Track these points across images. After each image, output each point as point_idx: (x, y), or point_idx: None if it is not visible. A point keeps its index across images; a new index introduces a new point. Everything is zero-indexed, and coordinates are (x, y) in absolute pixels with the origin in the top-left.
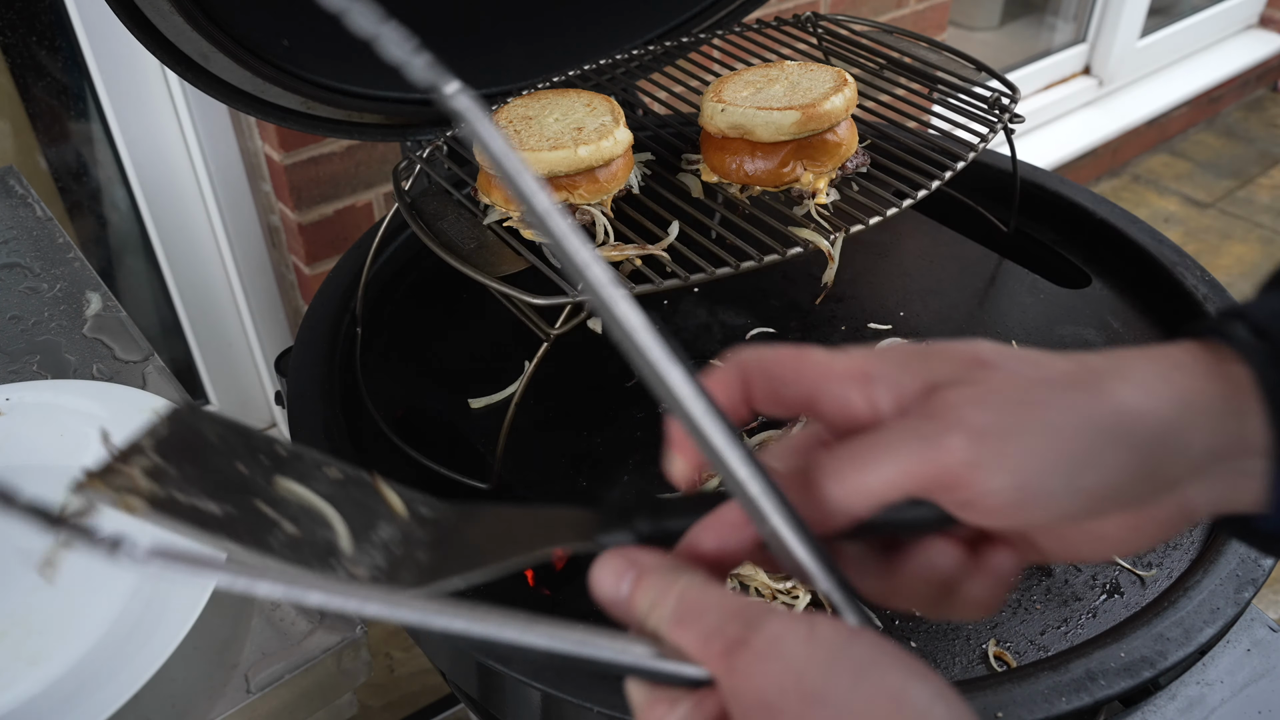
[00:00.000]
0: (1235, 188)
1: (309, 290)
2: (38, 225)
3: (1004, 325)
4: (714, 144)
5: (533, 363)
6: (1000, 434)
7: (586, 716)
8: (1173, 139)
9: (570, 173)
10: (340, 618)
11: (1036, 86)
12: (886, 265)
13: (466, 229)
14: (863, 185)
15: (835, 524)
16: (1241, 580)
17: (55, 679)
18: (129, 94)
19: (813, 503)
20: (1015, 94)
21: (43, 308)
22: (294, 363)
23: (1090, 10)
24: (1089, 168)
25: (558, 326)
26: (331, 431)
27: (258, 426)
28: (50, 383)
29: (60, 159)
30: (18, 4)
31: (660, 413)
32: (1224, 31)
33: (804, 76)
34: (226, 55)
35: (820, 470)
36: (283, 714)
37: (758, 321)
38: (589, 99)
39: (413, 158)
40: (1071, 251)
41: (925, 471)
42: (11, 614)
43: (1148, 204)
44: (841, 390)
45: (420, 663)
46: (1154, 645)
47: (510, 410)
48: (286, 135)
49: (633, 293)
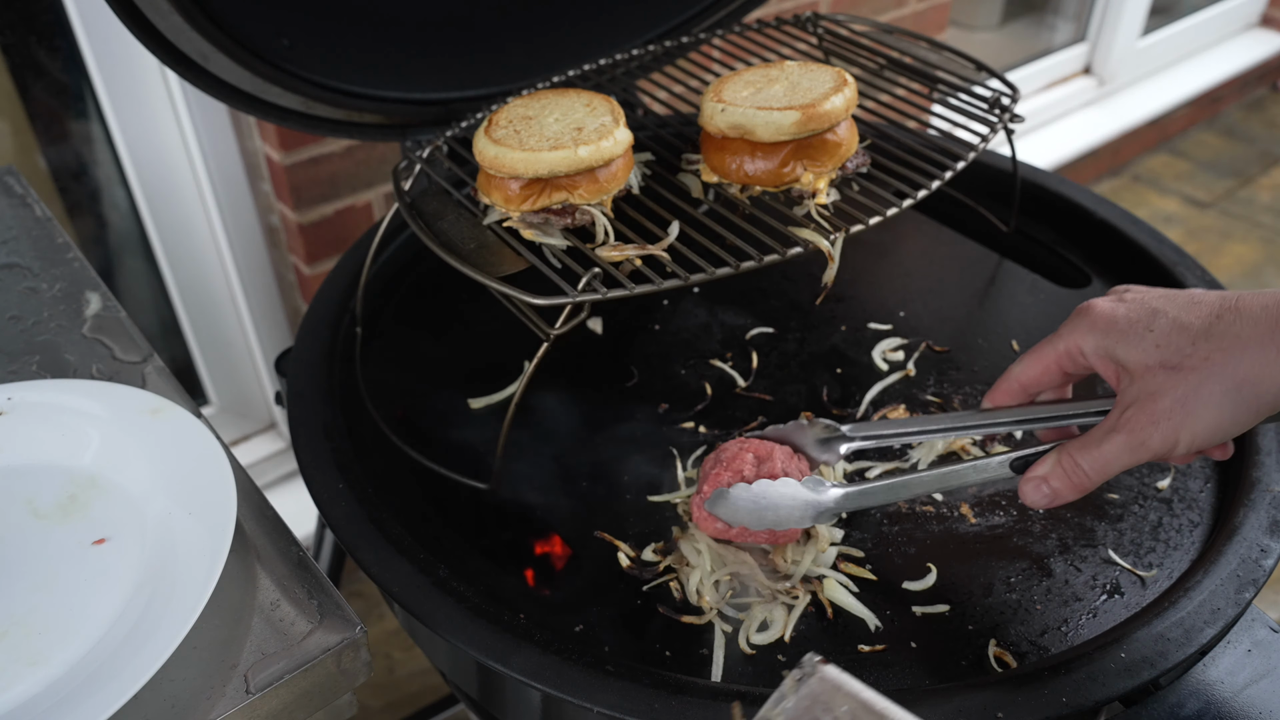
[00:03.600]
0: (1236, 188)
1: (309, 290)
2: (37, 225)
3: (1004, 325)
4: (714, 144)
5: (533, 363)
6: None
7: (586, 716)
8: (1173, 139)
9: (570, 173)
10: (340, 617)
11: (1037, 86)
12: (886, 265)
13: (466, 229)
14: (863, 185)
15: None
16: (1242, 580)
17: (55, 679)
18: (129, 94)
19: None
20: (1015, 94)
21: (42, 308)
22: (294, 363)
23: (1090, 10)
24: (1089, 168)
25: (558, 326)
26: (331, 431)
27: (257, 427)
28: (50, 382)
29: (60, 159)
30: (18, 4)
31: (659, 413)
32: (1224, 31)
33: (804, 76)
34: (226, 55)
35: (1074, 445)
36: (283, 714)
37: (758, 321)
38: (589, 99)
39: (413, 158)
40: (1071, 251)
41: (1140, 457)
42: (11, 614)
43: (1148, 204)
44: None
45: (420, 663)
46: (1154, 646)
47: (510, 410)
48: (286, 135)
49: (633, 293)
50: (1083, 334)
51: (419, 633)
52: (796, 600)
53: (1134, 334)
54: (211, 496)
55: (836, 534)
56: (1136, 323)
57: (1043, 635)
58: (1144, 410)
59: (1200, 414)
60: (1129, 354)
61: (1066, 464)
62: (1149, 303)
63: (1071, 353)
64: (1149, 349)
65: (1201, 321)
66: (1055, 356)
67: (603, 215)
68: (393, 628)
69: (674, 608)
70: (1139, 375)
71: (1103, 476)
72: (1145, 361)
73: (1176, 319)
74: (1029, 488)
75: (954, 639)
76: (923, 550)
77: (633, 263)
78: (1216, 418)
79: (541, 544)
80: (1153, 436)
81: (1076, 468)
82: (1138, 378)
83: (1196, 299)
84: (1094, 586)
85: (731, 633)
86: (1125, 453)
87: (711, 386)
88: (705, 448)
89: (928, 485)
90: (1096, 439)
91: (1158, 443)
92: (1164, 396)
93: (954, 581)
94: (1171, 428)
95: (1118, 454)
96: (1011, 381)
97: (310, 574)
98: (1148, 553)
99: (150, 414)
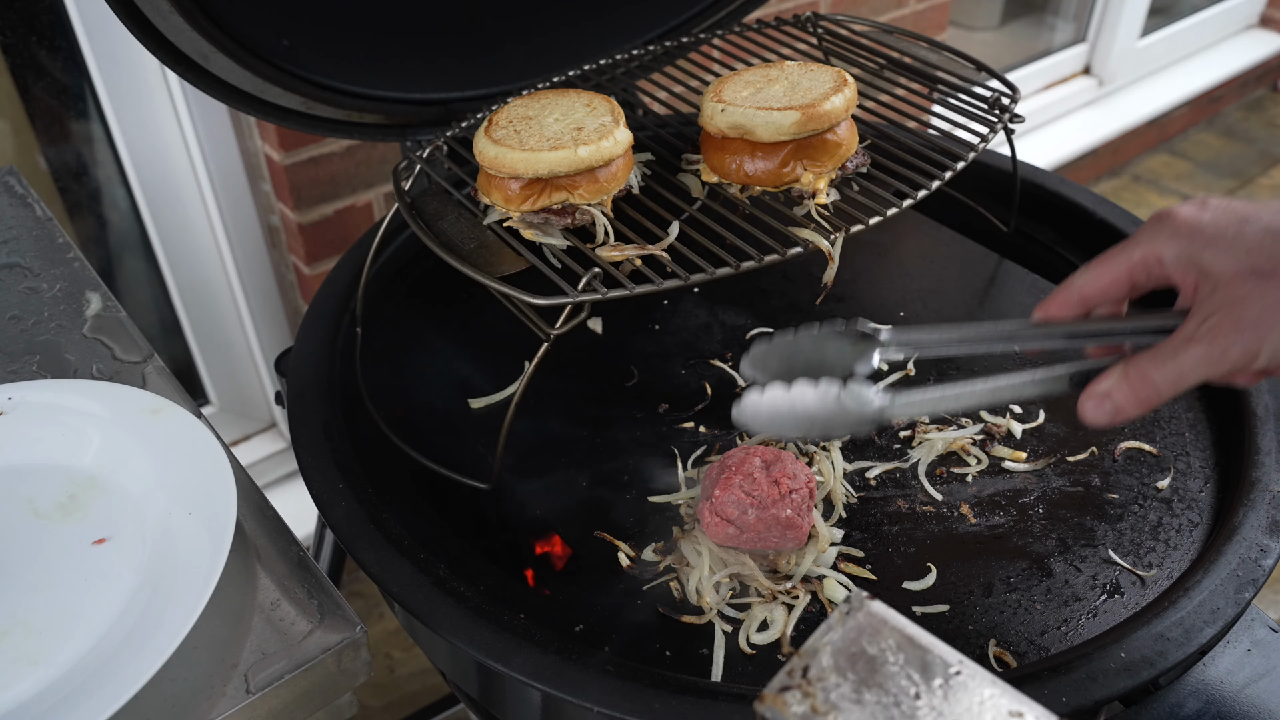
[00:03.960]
0: (1235, 188)
1: (309, 290)
2: (38, 225)
3: None
4: (714, 144)
5: (533, 363)
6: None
7: (586, 716)
8: (1173, 139)
9: (570, 173)
10: (340, 617)
11: (1036, 86)
12: (886, 265)
13: (466, 229)
14: (863, 185)
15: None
16: (1242, 580)
17: (55, 679)
18: (129, 94)
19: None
20: (1015, 94)
21: (43, 308)
22: (294, 363)
23: (1090, 10)
24: (1089, 168)
25: (558, 326)
26: (331, 431)
27: (257, 427)
28: (51, 382)
29: (60, 159)
30: (18, 4)
31: (659, 413)
32: (1224, 31)
33: (804, 76)
34: (226, 55)
35: (1144, 358)
36: (283, 714)
37: (758, 321)
38: (589, 99)
39: (413, 158)
40: (1071, 251)
41: (1218, 369)
42: (11, 614)
43: (1148, 204)
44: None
45: (420, 663)
46: (1154, 645)
47: (510, 410)
48: (286, 135)
49: (633, 293)
50: (1165, 241)
51: (419, 633)
52: (797, 600)
53: (1223, 240)
54: (212, 496)
55: (836, 534)
56: (1226, 228)
57: (1043, 635)
58: (1229, 317)
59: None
60: (1217, 260)
61: (1134, 377)
62: (1237, 210)
63: (1148, 261)
64: (1240, 254)
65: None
66: (1128, 266)
67: (603, 215)
68: (393, 628)
69: (674, 608)
70: (1226, 282)
71: (1175, 391)
72: (1236, 267)
73: (1270, 225)
74: (1090, 405)
75: (954, 639)
76: (923, 550)
77: (633, 263)
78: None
79: (541, 544)
80: (1235, 345)
81: (1146, 380)
82: (1223, 285)
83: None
84: (1094, 586)
85: (731, 633)
86: (1203, 364)
87: (711, 386)
88: (705, 448)
89: (979, 398)
90: (1171, 350)
91: (1238, 353)
92: (1252, 304)
93: (954, 581)
94: (1256, 337)
95: (1195, 365)
96: (1073, 291)
97: (310, 574)
98: (1147, 552)
99: (150, 414)
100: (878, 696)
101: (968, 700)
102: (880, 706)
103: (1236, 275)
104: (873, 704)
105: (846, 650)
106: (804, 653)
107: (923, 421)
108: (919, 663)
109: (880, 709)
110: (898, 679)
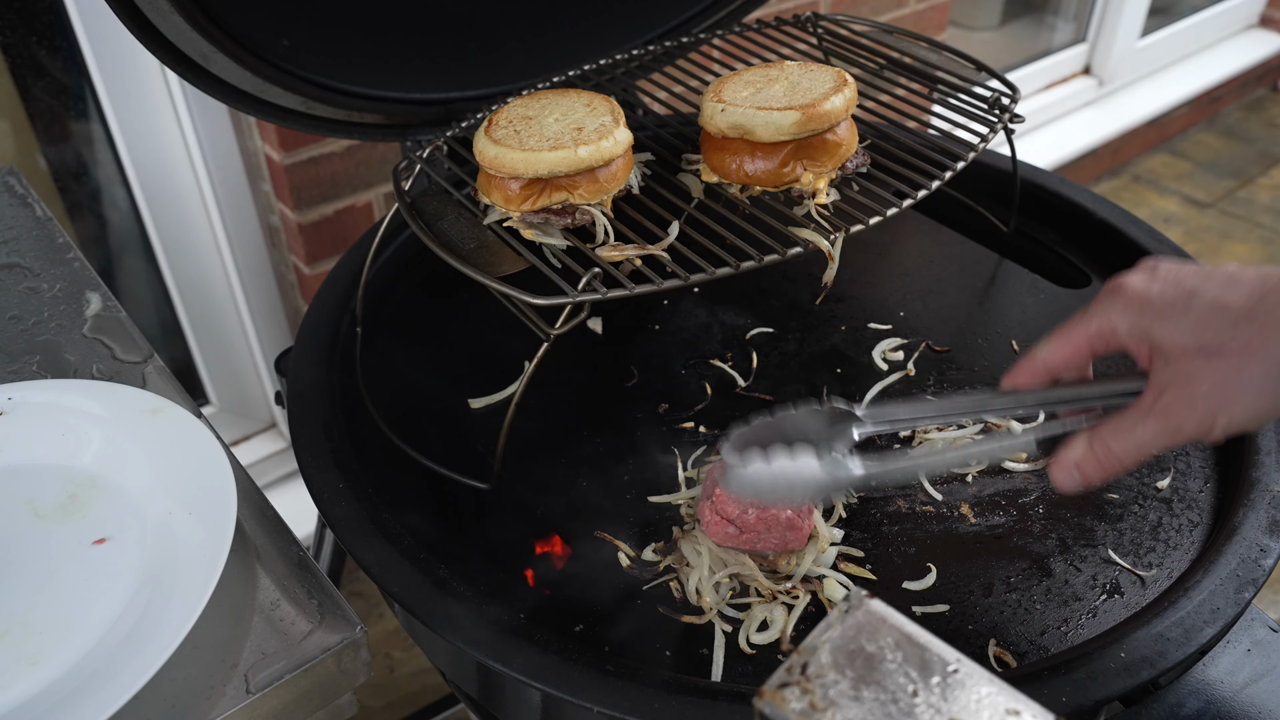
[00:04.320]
0: (1235, 188)
1: (309, 290)
2: (37, 225)
3: (1004, 325)
4: (714, 144)
5: (533, 363)
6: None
7: (586, 716)
8: (1173, 139)
9: (570, 173)
10: (340, 617)
11: (1036, 86)
12: (886, 265)
13: (466, 229)
14: (863, 185)
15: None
16: (1242, 580)
17: (56, 678)
18: (129, 94)
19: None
20: (1015, 94)
21: (43, 308)
22: (294, 363)
23: (1090, 10)
24: (1089, 168)
25: (558, 326)
26: (331, 431)
27: (257, 427)
28: (51, 382)
29: (60, 159)
30: (18, 4)
31: (659, 413)
32: (1224, 31)
33: (804, 76)
34: (226, 55)
35: (1106, 430)
36: (283, 714)
37: (758, 321)
38: (589, 99)
39: (413, 158)
40: (1071, 251)
41: (1175, 441)
42: (11, 614)
43: (1148, 204)
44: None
45: (420, 663)
46: (1154, 645)
47: (510, 410)
48: (286, 135)
49: (633, 293)
50: (1117, 313)
51: (419, 633)
52: (797, 600)
53: (1171, 315)
54: (212, 496)
55: (836, 534)
56: (1173, 303)
57: (1042, 635)
58: (1180, 395)
59: (1239, 399)
60: (1167, 335)
61: (1099, 449)
62: (1185, 281)
63: (1104, 333)
64: (1186, 331)
65: (1242, 303)
66: (1087, 337)
67: (603, 215)
68: (393, 628)
69: (674, 608)
70: (1175, 358)
71: (1136, 461)
72: (1183, 344)
73: (1215, 299)
74: (1060, 473)
75: (954, 638)
76: (923, 550)
77: (633, 263)
78: (1255, 403)
79: (541, 544)
80: (1188, 422)
81: (1109, 453)
82: (1173, 360)
83: (1233, 277)
84: (1094, 586)
85: (731, 633)
86: (1160, 437)
87: (711, 386)
88: (705, 448)
89: (949, 461)
90: (1130, 423)
91: (1193, 428)
92: (1201, 381)
93: (954, 581)
94: (1208, 413)
95: (1152, 439)
96: (1037, 363)
97: (310, 574)
98: (1147, 552)
99: (150, 414)
100: (876, 694)
101: (965, 698)
102: (878, 703)
103: (1185, 353)
104: (871, 701)
105: (845, 647)
106: (803, 650)
107: None
108: (917, 661)
109: (878, 706)
110: (896, 676)
